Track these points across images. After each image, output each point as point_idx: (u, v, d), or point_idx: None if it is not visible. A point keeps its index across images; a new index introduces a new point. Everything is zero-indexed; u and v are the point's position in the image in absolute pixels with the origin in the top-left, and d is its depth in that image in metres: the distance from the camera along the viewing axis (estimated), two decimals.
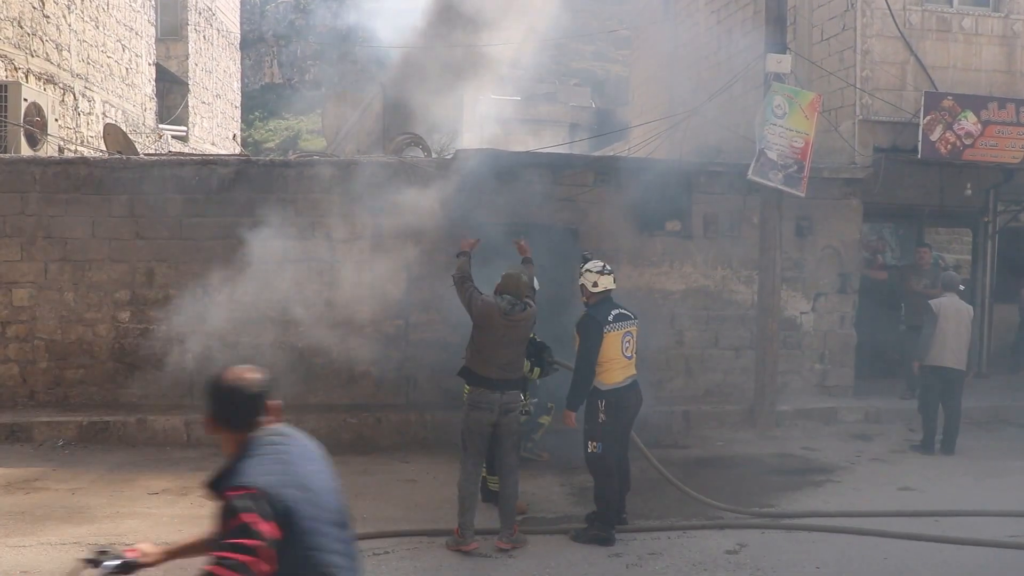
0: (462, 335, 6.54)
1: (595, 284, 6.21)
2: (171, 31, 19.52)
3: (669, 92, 16.52)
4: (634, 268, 10.32)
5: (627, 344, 6.19)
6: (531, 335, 6.50)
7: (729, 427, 9.82)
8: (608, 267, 6.38)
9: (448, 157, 10.29)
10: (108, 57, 15.10)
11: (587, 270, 6.27)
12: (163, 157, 11.11)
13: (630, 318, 6.29)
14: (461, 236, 6.92)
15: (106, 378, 9.45)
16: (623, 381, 6.18)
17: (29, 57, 12.32)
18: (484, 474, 6.61)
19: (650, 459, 6.99)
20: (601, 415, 6.09)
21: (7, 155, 10.20)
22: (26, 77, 12.12)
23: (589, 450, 6.15)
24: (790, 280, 10.61)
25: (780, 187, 9.52)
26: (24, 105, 11.06)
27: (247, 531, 2.42)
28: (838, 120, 11.04)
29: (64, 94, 13.35)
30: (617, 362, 6.12)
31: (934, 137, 10.35)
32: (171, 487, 7.33)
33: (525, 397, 6.89)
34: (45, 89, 12.55)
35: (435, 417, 9.02)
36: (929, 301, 9.10)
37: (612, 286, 6.30)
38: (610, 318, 6.10)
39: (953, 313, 8.85)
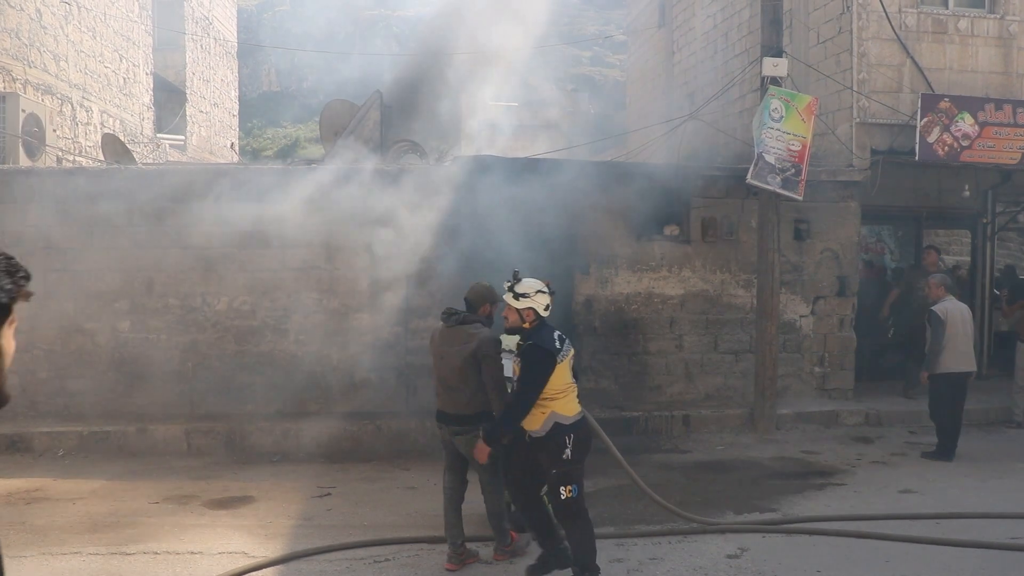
0: None
1: (547, 307, 5.40)
2: (168, 41, 19.55)
3: (666, 96, 16.56)
4: (632, 273, 10.34)
5: (572, 367, 5.48)
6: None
7: (729, 431, 9.82)
8: (552, 287, 5.62)
9: (446, 164, 10.30)
10: (106, 67, 15.13)
11: (539, 291, 5.37)
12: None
13: (567, 338, 5.52)
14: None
15: (106, 387, 9.45)
16: (580, 412, 5.45)
17: (27, 68, 12.35)
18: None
19: (626, 468, 6.83)
20: (567, 452, 5.24)
21: (6, 166, 10.22)
22: (24, 88, 12.15)
23: (563, 497, 5.25)
24: (789, 283, 10.62)
25: (778, 191, 9.54)
26: (22, 116, 11.09)
27: None
28: (835, 123, 11.06)
29: (62, 104, 13.37)
30: (572, 388, 5.41)
31: (931, 139, 10.36)
32: (172, 496, 7.33)
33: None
34: (43, 100, 12.57)
35: (435, 424, 8.97)
36: (933, 309, 8.82)
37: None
38: (558, 344, 5.30)
39: (959, 316, 8.73)
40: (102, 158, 12.98)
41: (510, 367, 6.75)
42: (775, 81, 9.64)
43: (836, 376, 10.86)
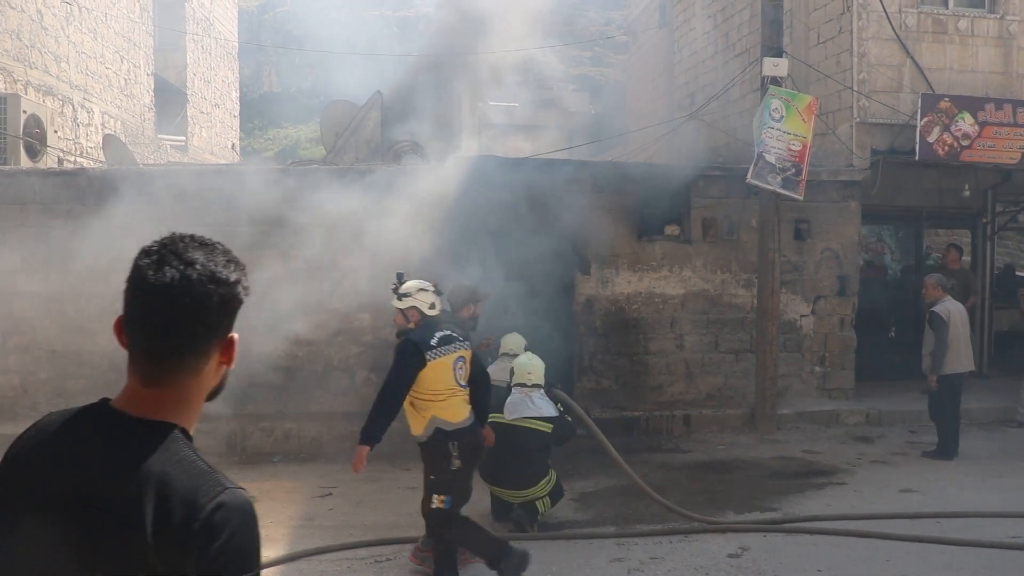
0: None
1: (432, 306, 5.26)
2: (169, 42, 19.57)
3: (667, 96, 16.57)
4: (633, 273, 10.34)
5: (460, 371, 5.22)
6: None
7: (730, 431, 9.83)
8: (440, 288, 5.45)
9: (446, 164, 10.31)
10: (107, 68, 15.14)
11: (421, 289, 5.27)
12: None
13: (459, 339, 5.26)
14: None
15: (107, 388, 9.44)
16: (469, 417, 5.26)
17: (28, 69, 12.36)
18: (495, 490, 6.60)
19: (624, 468, 6.85)
20: (456, 460, 5.04)
21: (7, 167, 10.23)
22: (25, 89, 12.16)
23: (434, 505, 5.13)
24: (789, 283, 10.63)
25: (779, 190, 9.54)
26: (23, 117, 11.10)
27: None
28: (835, 123, 11.07)
29: (63, 105, 13.39)
30: (456, 392, 5.18)
31: (931, 139, 10.37)
32: None
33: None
34: (44, 101, 12.59)
35: None
36: (935, 310, 8.72)
37: (440, 308, 5.38)
38: (433, 342, 5.08)
39: (959, 316, 8.71)
40: (103, 159, 12.99)
41: (507, 370, 6.81)
42: (775, 81, 9.64)
43: (837, 376, 10.86)
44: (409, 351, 5.03)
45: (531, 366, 6.66)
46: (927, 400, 8.98)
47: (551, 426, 6.48)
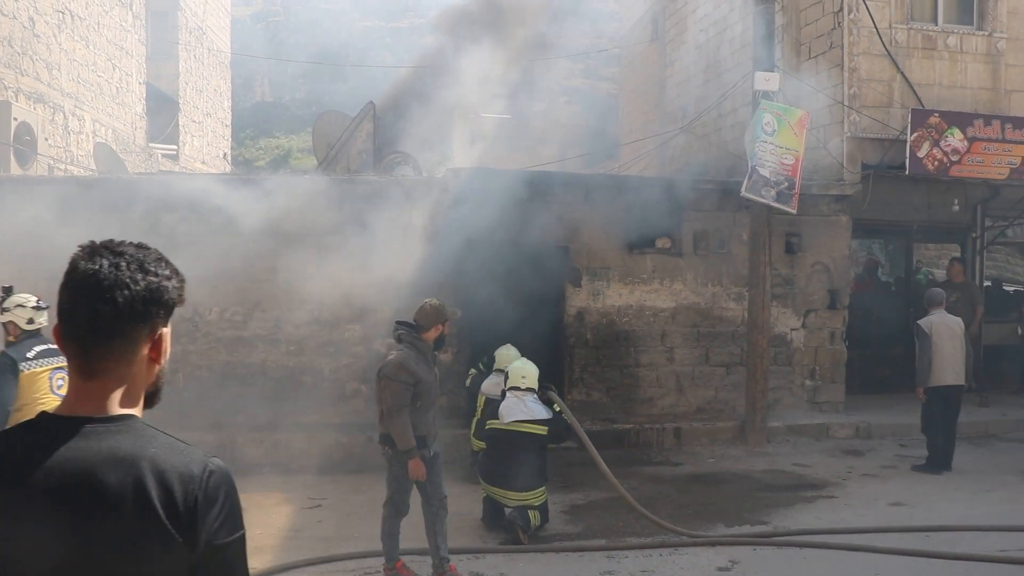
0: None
1: (31, 321, 5.31)
2: (162, 50, 19.54)
3: (659, 109, 16.63)
4: (624, 285, 10.36)
5: (60, 382, 5.22)
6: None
7: (720, 443, 9.82)
8: (44, 303, 5.41)
9: (437, 175, 10.32)
10: (98, 76, 15.11)
11: (19, 305, 5.37)
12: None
13: (60, 353, 5.52)
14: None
15: None
16: None
17: (19, 76, 12.32)
18: (491, 490, 6.66)
19: (612, 481, 6.85)
20: None
21: None
22: (16, 97, 12.12)
23: None
24: (780, 296, 10.66)
25: (773, 204, 9.57)
26: (14, 124, 11.06)
27: None
28: (826, 137, 11.12)
29: (54, 113, 13.35)
30: (50, 401, 5.08)
31: (921, 154, 10.44)
32: None
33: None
34: (35, 108, 12.54)
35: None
36: (918, 322, 8.87)
37: (44, 323, 5.38)
38: (30, 354, 5.19)
39: (945, 329, 8.75)
40: (94, 167, 12.95)
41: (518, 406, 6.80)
42: (767, 95, 9.69)
43: (827, 389, 10.88)
44: (6, 364, 5.12)
45: (525, 370, 6.80)
46: (920, 413, 9.01)
47: (546, 428, 6.60)
